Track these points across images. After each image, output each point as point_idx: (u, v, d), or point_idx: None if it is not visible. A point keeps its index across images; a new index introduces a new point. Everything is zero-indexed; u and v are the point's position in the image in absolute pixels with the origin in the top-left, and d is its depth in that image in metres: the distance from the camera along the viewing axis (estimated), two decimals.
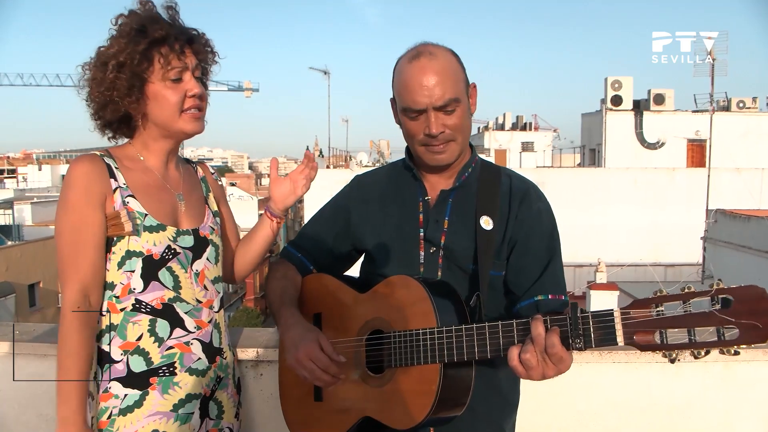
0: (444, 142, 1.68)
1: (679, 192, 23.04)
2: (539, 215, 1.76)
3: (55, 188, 45.54)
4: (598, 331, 1.35)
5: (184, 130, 1.71)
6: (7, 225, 28.98)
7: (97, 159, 1.65)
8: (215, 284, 1.79)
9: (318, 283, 1.86)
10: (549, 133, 37.09)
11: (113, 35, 1.66)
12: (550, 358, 1.38)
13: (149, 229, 1.66)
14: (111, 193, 1.64)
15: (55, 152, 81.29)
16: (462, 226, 1.72)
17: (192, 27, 1.73)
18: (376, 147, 29.43)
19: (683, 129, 25.85)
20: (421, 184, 1.79)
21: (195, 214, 1.79)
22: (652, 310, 1.30)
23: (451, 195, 1.76)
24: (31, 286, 23.54)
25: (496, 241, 1.70)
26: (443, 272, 1.72)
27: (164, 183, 1.75)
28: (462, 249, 1.71)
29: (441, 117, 1.65)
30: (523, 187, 1.79)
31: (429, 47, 1.68)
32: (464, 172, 1.78)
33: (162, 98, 1.66)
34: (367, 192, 1.88)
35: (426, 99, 1.63)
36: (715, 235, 16.93)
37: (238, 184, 51.93)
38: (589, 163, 28.88)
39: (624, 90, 26.15)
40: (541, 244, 1.73)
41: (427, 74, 1.62)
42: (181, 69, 1.66)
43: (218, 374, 1.78)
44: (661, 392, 2.36)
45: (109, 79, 1.62)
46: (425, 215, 1.75)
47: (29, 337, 2.40)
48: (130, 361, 1.63)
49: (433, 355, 1.51)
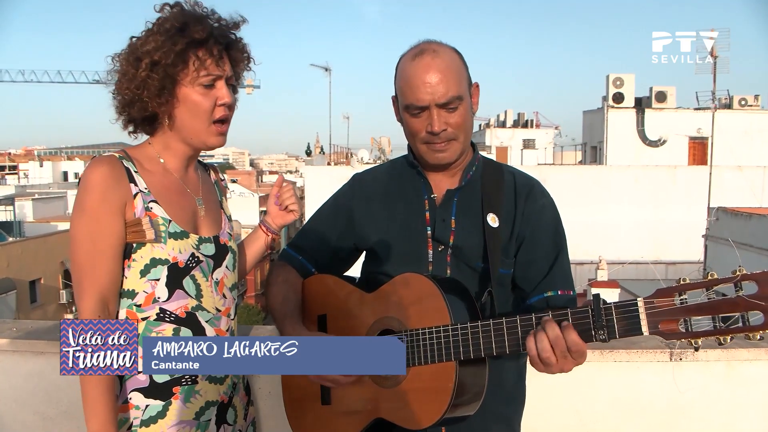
0: (446, 140, 1.66)
1: (681, 190, 23.02)
2: (544, 211, 1.76)
3: (56, 185, 45.59)
4: (622, 322, 1.35)
5: (207, 142, 1.64)
6: (8, 221, 28.98)
7: (116, 162, 1.57)
8: (232, 291, 1.75)
9: (321, 284, 1.83)
10: (550, 131, 37.11)
11: (151, 29, 1.58)
12: (572, 354, 1.39)
13: (174, 236, 1.59)
14: (131, 198, 1.56)
15: (57, 149, 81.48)
16: (469, 225, 1.71)
17: (233, 23, 1.66)
18: (377, 144, 29.40)
19: (685, 127, 25.86)
20: (427, 182, 1.77)
21: (213, 220, 1.74)
22: (675, 298, 1.30)
23: (456, 194, 1.75)
24: (32, 282, 23.56)
25: (503, 239, 1.70)
26: (452, 270, 1.71)
27: (184, 187, 1.69)
28: (471, 247, 1.70)
29: (443, 115, 1.64)
30: (527, 183, 1.79)
31: (432, 45, 1.67)
32: (468, 171, 1.77)
33: (192, 103, 1.58)
34: (369, 190, 1.85)
35: (429, 96, 1.61)
36: (717, 233, 16.91)
37: (239, 181, 51.89)
38: (590, 161, 28.88)
39: (626, 87, 26.17)
40: (547, 239, 1.73)
41: (430, 71, 1.61)
42: (216, 76, 1.59)
43: (234, 380, 1.75)
44: (663, 391, 2.35)
45: (141, 77, 1.55)
46: (432, 214, 1.74)
47: (26, 334, 2.39)
48: None
49: (448, 353, 1.50)
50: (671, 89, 26.27)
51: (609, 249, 20.00)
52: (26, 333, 2.42)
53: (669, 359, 2.32)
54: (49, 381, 2.35)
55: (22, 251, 23.20)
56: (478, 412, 1.57)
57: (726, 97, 27.09)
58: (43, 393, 2.37)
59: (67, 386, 2.30)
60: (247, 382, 1.88)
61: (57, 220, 29.39)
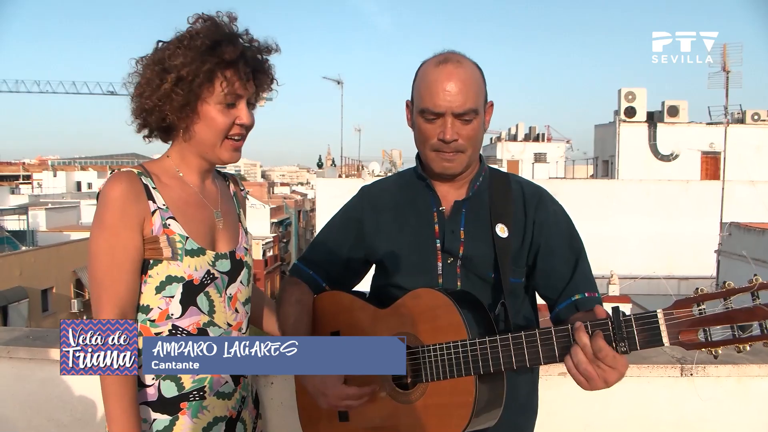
0: (455, 150, 1.68)
1: (693, 204, 22.84)
2: (557, 217, 1.77)
3: (70, 194, 45.88)
4: (642, 333, 1.37)
5: (220, 157, 1.65)
6: (22, 230, 29.17)
7: (134, 179, 1.58)
8: (245, 306, 1.74)
9: (333, 300, 1.83)
10: (562, 144, 36.99)
11: (181, 41, 1.57)
12: (602, 362, 1.39)
13: (190, 254, 1.60)
14: (149, 215, 1.57)
15: (70, 159, 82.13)
16: (478, 236, 1.72)
17: (264, 48, 1.65)
18: (389, 156, 29.45)
19: (697, 141, 25.67)
20: (435, 194, 1.78)
21: (231, 233, 1.74)
22: (694, 309, 1.33)
23: (464, 205, 1.76)
24: (44, 291, 23.67)
25: (513, 248, 1.71)
26: (462, 281, 1.72)
27: (203, 199, 1.70)
28: (480, 257, 1.71)
29: (457, 125, 1.66)
30: (535, 191, 1.80)
31: (456, 55, 1.70)
32: (475, 182, 1.78)
33: (211, 120, 1.59)
34: (378, 202, 1.86)
35: (447, 103, 1.63)
36: (729, 248, 16.78)
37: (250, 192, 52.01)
38: (602, 175, 28.73)
39: (638, 101, 26.03)
40: (564, 244, 1.74)
41: (451, 79, 1.64)
42: (239, 96, 1.61)
43: (242, 395, 1.74)
44: (674, 407, 2.34)
45: (165, 89, 1.55)
46: (441, 225, 1.75)
47: (41, 341, 2.42)
48: (162, 386, 1.59)
49: (467, 367, 1.51)
50: (683, 103, 26.11)
51: (620, 263, 19.87)
52: (42, 340, 2.45)
53: (680, 374, 2.32)
54: (63, 388, 2.38)
55: (34, 260, 23.32)
56: (495, 423, 1.58)
57: (739, 111, 26.92)
58: (58, 399, 2.40)
59: (81, 394, 2.32)
60: (256, 394, 1.88)
61: (70, 229, 29.58)
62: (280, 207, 49.26)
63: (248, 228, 1.89)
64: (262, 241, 39.12)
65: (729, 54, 21.04)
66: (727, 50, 21.04)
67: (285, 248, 47.78)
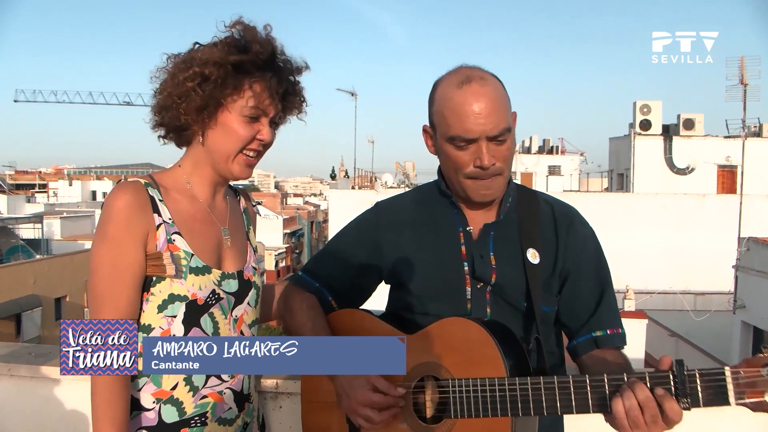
0: (492, 175, 1.56)
1: (710, 219, 22.59)
2: (587, 242, 1.67)
3: (85, 203, 46.25)
4: (707, 390, 1.28)
5: (231, 170, 1.57)
6: (36, 239, 29.43)
7: (140, 190, 1.50)
8: (251, 328, 1.66)
9: (351, 319, 1.70)
10: (576, 157, 36.81)
11: (215, 43, 1.52)
12: (666, 421, 1.29)
13: (195, 272, 1.52)
14: (154, 229, 1.50)
15: (86, 168, 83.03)
16: (510, 262, 1.61)
17: (296, 68, 1.60)
18: (402, 168, 29.43)
19: (713, 154, 25.47)
20: (461, 213, 1.66)
21: (238, 252, 1.66)
22: (762, 369, 1.26)
23: (492, 228, 1.64)
24: (58, 299, 23.80)
25: (544, 274, 1.60)
26: (492, 309, 1.61)
27: (210, 215, 1.62)
28: (513, 285, 1.59)
29: (492, 148, 1.53)
30: (567, 213, 1.70)
31: (477, 71, 1.56)
32: (505, 203, 1.67)
33: (231, 130, 1.52)
34: (396, 218, 1.73)
35: (479, 127, 1.50)
36: (747, 263, 16.51)
37: (263, 203, 52.29)
38: (617, 188, 28.56)
39: (653, 114, 25.90)
40: (592, 273, 1.64)
41: (480, 101, 1.50)
42: (263, 113, 1.54)
43: (245, 420, 1.65)
44: None
45: (186, 86, 1.49)
46: (468, 248, 1.63)
47: (44, 359, 2.35)
48: (163, 411, 1.51)
49: (504, 407, 1.39)
50: (699, 116, 25.94)
51: (636, 278, 19.63)
52: (44, 357, 2.38)
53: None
54: (65, 407, 2.32)
55: (48, 268, 23.48)
56: None
57: (756, 125, 26.68)
58: (59, 419, 2.33)
59: (83, 413, 2.26)
60: (262, 419, 1.79)
61: (84, 238, 29.75)
62: (293, 218, 49.50)
63: (262, 239, 1.80)
64: (274, 251, 39.26)
65: (747, 67, 20.82)
66: (744, 63, 20.82)
67: (297, 259, 47.91)
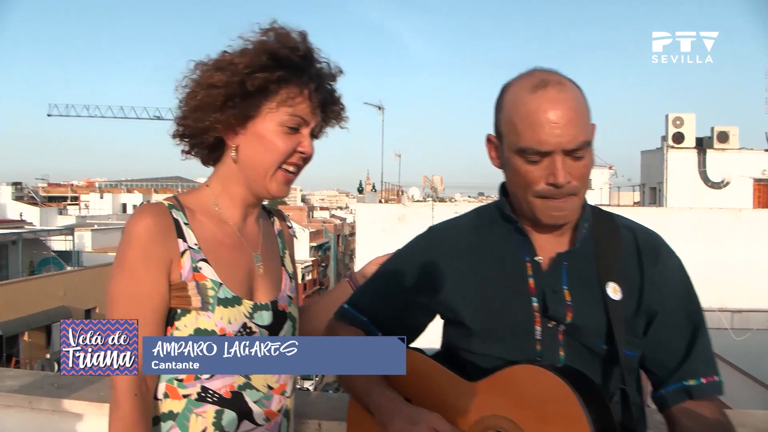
0: (566, 195, 1.33)
1: (746, 233, 22.00)
2: (674, 274, 1.43)
3: (115, 216, 46.88)
4: None
5: (269, 189, 1.42)
6: (67, 251, 29.78)
7: (163, 212, 1.37)
8: None
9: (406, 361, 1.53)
10: (606, 171, 36.28)
11: (248, 48, 1.39)
12: None
13: (224, 303, 1.37)
14: (178, 256, 1.36)
15: (117, 181, 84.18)
16: (588, 298, 1.37)
17: (330, 74, 1.47)
18: (429, 182, 29.21)
19: (749, 168, 24.91)
20: (528, 240, 1.43)
21: (272, 280, 1.50)
22: None
23: (565, 257, 1.41)
24: (87, 311, 24.01)
25: (628, 313, 1.36)
26: (566, 351, 1.37)
27: (241, 240, 1.46)
28: (592, 326, 1.36)
29: (568, 163, 1.31)
30: (653, 242, 1.46)
31: (555, 75, 1.34)
32: (581, 229, 1.43)
33: (269, 143, 1.38)
34: (452, 246, 1.52)
35: (555, 139, 1.29)
36: None
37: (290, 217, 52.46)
38: (649, 202, 28.04)
39: (686, 127, 25.43)
40: (681, 311, 1.40)
41: (557, 108, 1.29)
42: (304, 121, 1.40)
43: None
44: None
45: (219, 94, 1.35)
46: (537, 281, 1.40)
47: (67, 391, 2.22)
48: None
49: None
50: (734, 129, 25.41)
51: None
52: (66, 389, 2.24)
53: None
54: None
55: (78, 280, 23.72)
56: None
57: None
58: None
59: None
60: None
61: (114, 250, 29.81)
62: (319, 231, 49.54)
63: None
64: (301, 264, 39.28)
65: None
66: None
67: (324, 272, 47.86)
